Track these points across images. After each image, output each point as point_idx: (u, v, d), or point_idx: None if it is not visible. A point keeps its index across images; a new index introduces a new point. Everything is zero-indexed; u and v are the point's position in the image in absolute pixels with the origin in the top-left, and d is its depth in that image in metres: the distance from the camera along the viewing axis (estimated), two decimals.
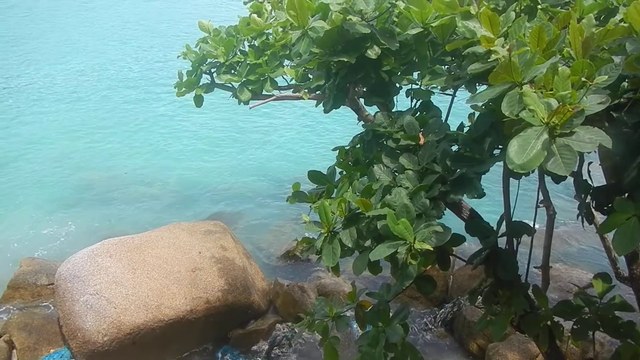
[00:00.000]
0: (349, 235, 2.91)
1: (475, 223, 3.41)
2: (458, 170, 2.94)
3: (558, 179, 3.06)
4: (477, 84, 3.06)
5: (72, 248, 8.06)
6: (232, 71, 4.37)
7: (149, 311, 6.21)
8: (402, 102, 3.89)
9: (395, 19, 3.33)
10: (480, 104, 2.89)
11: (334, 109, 3.72)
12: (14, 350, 6.48)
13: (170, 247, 7.02)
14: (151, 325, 6.18)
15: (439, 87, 3.58)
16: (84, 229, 9.63)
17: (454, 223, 3.05)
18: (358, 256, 3.10)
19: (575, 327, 3.39)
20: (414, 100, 3.76)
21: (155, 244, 7.06)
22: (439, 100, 3.75)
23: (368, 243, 3.05)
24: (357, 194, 3.15)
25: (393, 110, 3.75)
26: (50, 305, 7.30)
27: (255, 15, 4.18)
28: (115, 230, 9.27)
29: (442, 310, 7.48)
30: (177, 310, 6.32)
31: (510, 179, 3.26)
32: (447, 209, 3.10)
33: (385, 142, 3.46)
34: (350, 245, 2.89)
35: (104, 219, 10.01)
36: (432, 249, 2.57)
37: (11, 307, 7.53)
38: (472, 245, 7.67)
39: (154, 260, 6.76)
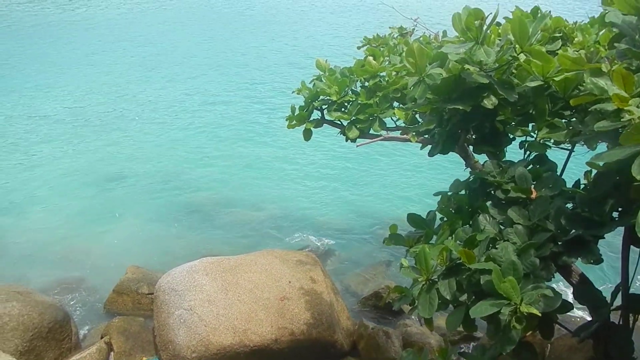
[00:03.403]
0: (447, 286, 2.82)
1: (586, 290, 3.16)
2: (573, 230, 2.76)
3: None
4: (598, 142, 2.90)
5: (173, 261, 8.54)
6: (343, 109, 4.49)
7: (236, 334, 6.37)
8: (511, 152, 3.77)
9: (513, 70, 3.27)
10: (602, 163, 2.74)
11: (439, 154, 3.69)
12: (112, 352, 6.94)
13: (262, 272, 7.20)
14: (237, 348, 6.32)
15: (552, 141, 3.45)
16: (185, 244, 10.20)
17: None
18: (453, 311, 2.98)
19: None
20: (527, 153, 3.63)
21: (248, 267, 7.27)
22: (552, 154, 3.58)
23: (464, 297, 2.93)
24: (460, 243, 3.06)
25: (503, 160, 3.64)
26: (148, 315, 7.75)
27: (371, 58, 4.30)
28: (213, 250, 9.71)
29: None
30: (262, 337, 6.42)
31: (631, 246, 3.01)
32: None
33: (493, 192, 3.35)
34: (448, 298, 2.79)
35: (204, 238, 10.53)
36: (539, 314, 2.41)
37: (114, 311, 8.11)
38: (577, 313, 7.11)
39: (246, 283, 6.95)
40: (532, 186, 3.18)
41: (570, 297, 3.26)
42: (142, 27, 29.06)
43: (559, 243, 2.84)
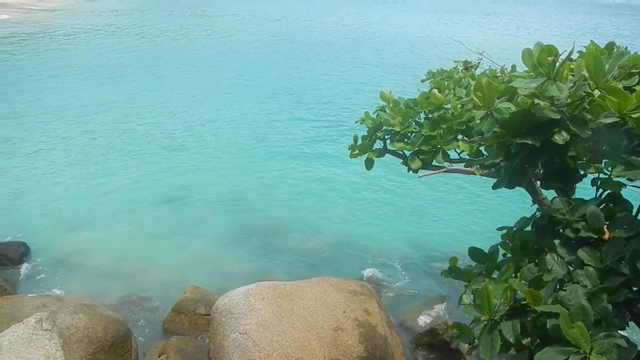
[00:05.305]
0: (511, 328, 2.70)
1: None
2: None
3: None
4: None
5: (230, 283, 8.70)
6: (406, 140, 4.48)
7: None
8: (579, 189, 3.61)
9: (586, 105, 3.17)
10: None
11: (504, 188, 3.59)
12: None
13: (317, 300, 7.17)
14: None
15: (626, 178, 3.28)
16: (243, 266, 10.37)
17: None
18: (516, 355, 2.86)
19: None
20: (599, 190, 3.47)
21: (303, 294, 7.27)
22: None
23: (526, 341, 2.80)
24: (525, 282, 2.94)
25: (573, 197, 3.49)
26: (204, 335, 7.88)
27: (435, 91, 4.29)
28: (270, 274, 9.84)
29: None
30: None
31: None
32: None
33: (562, 231, 3.21)
34: (511, 341, 2.67)
35: (262, 261, 10.68)
36: None
37: (172, 329, 8.31)
38: None
39: (300, 310, 6.95)
40: (605, 226, 3.03)
41: None
42: (215, 54, 30.56)
43: (635, 289, 2.68)
